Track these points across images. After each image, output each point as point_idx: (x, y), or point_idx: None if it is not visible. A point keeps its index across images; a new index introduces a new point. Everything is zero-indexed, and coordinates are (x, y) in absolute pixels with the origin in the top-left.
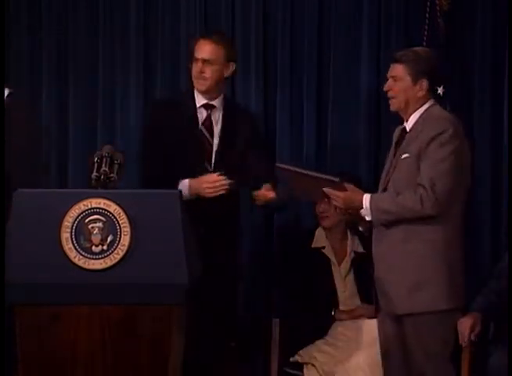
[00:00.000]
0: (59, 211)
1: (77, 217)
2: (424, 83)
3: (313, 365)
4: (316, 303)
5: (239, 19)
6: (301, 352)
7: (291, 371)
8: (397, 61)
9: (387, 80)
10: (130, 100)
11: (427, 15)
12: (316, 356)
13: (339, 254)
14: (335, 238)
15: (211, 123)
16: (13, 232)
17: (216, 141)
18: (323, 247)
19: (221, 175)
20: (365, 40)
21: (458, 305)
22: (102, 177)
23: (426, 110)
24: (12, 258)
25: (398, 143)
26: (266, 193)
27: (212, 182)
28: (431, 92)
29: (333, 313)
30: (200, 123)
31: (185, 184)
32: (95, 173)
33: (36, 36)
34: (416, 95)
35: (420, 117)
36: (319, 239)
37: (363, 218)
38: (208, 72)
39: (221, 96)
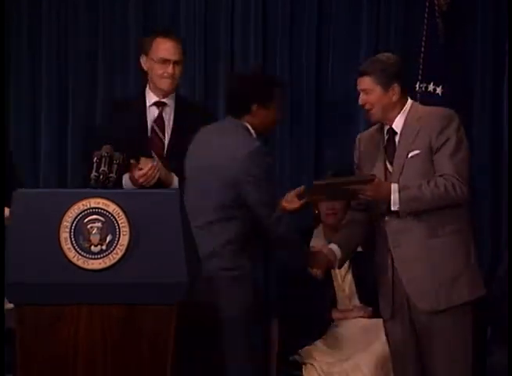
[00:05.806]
0: (58, 211)
1: (76, 217)
2: (396, 87)
3: (312, 365)
4: (315, 303)
5: (238, 20)
6: (300, 351)
7: (290, 371)
8: (363, 74)
9: (359, 94)
10: None
11: (426, 15)
12: (315, 356)
13: None
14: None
15: (163, 120)
16: (12, 232)
17: (168, 138)
18: None
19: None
20: (364, 40)
21: (484, 291)
22: (101, 177)
23: (410, 109)
24: (12, 258)
25: (388, 146)
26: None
27: (144, 173)
28: (405, 91)
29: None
30: (150, 121)
31: (126, 178)
32: (94, 173)
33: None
34: (391, 100)
35: (407, 116)
36: (317, 238)
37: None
38: (178, 73)
39: (173, 93)
